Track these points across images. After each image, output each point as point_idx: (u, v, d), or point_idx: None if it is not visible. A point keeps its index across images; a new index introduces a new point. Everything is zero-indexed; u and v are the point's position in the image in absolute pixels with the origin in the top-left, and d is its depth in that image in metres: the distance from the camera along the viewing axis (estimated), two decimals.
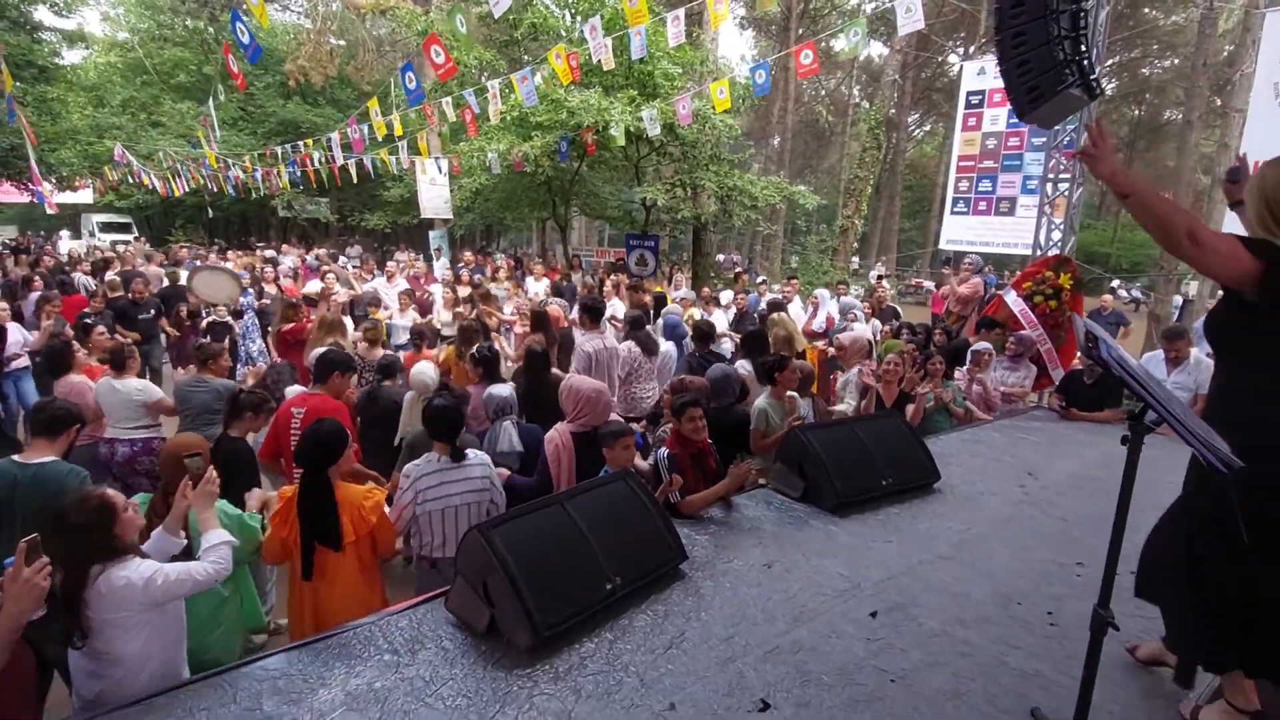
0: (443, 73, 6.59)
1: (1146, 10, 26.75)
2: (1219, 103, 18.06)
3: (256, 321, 8.20)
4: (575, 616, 2.44)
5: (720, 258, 25.25)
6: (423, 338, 6.37)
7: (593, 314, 5.93)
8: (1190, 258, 1.75)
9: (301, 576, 2.79)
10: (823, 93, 36.73)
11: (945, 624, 2.59)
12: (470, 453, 3.27)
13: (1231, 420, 1.71)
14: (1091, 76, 5.68)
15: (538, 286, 9.55)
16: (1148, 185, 1.85)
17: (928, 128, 36.69)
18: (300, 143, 14.90)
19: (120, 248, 16.72)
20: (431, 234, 18.57)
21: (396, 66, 22.82)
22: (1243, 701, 1.95)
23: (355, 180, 13.84)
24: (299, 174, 15.38)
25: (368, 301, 8.35)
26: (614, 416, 3.99)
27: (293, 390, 4.33)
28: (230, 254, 16.14)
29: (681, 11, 7.11)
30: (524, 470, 3.85)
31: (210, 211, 24.02)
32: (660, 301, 8.50)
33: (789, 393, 4.37)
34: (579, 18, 11.27)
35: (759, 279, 10.60)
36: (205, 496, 2.49)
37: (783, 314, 7.50)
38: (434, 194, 17.17)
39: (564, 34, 10.86)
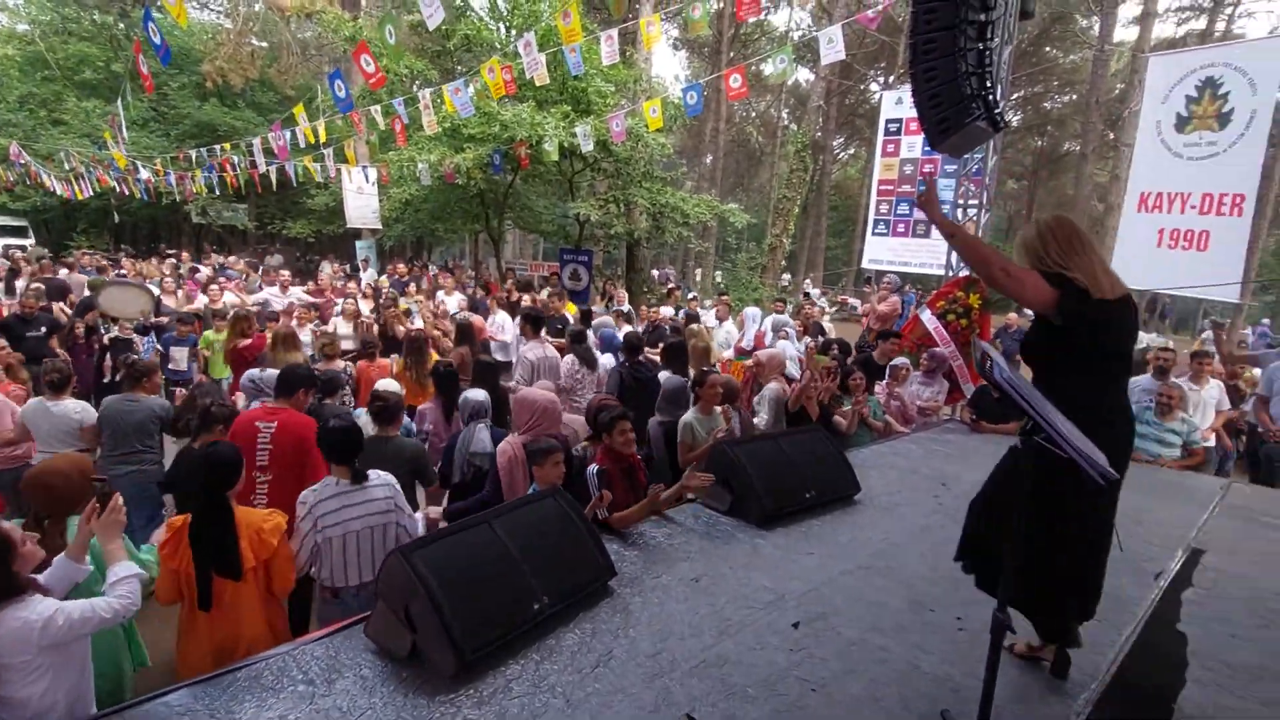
0: (373, 81, 6.47)
1: (1047, 49, 28.80)
2: (1112, 136, 19.56)
3: (154, 336, 7.71)
4: (501, 638, 2.41)
5: (655, 273, 25.52)
6: (374, 348, 6.24)
7: (534, 323, 5.99)
8: (1004, 287, 2.20)
9: (199, 607, 2.64)
10: (753, 114, 37.82)
11: (864, 632, 2.68)
12: (373, 474, 3.15)
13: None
14: (996, 110, 6.08)
15: (450, 301, 9.42)
16: (959, 230, 2.34)
17: (852, 151, 38.23)
18: (217, 146, 14.26)
19: (15, 253, 15.51)
20: (359, 244, 18.05)
21: (322, 71, 22.23)
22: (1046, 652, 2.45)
23: (275, 187, 13.32)
24: (215, 179, 14.70)
25: (266, 316, 8.01)
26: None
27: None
28: (134, 262, 15.22)
29: (615, 31, 7.21)
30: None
31: (116, 216, 22.58)
32: (585, 317, 8.54)
33: (719, 406, 4.45)
34: (513, 31, 11.27)
35: (690, 295, 10.76)
36: (113, 526, 2.29)
37: (699, 326, 7.66)
38: (361, 203, 16.70)
39: (498, 46, 10.82)
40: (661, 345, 6.35)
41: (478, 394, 4.21)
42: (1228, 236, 7.10)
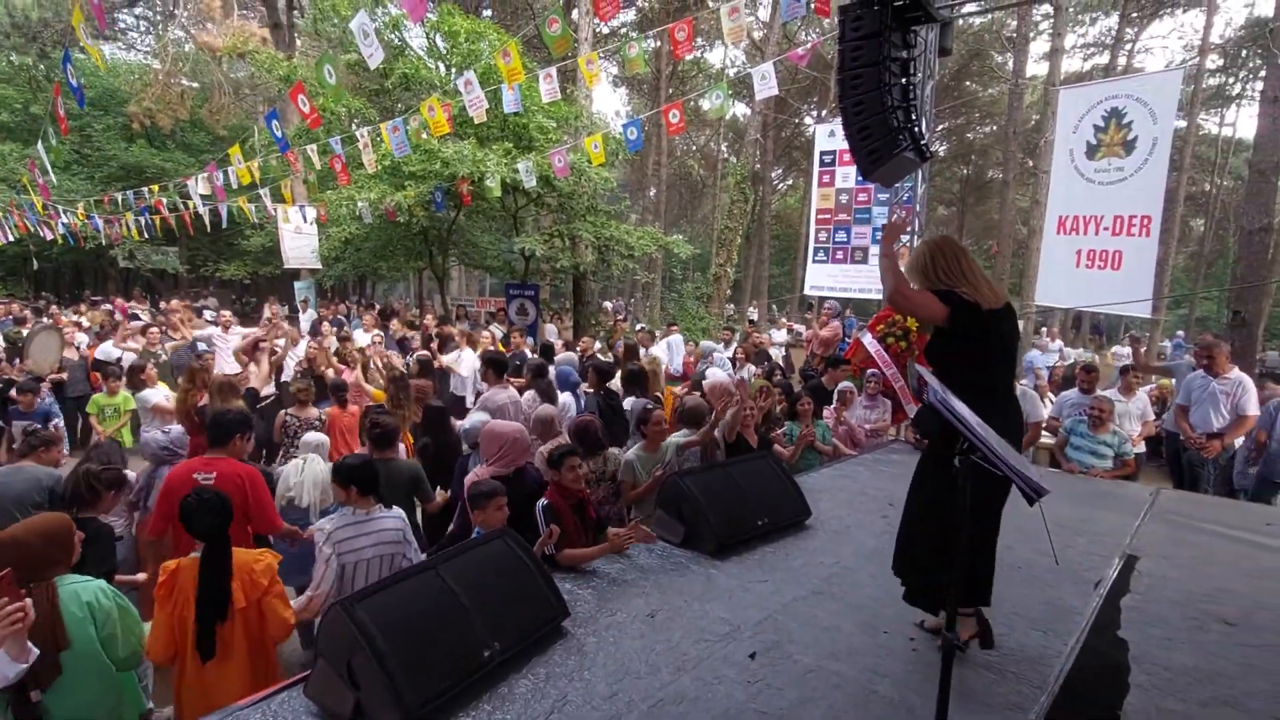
0: (311, 121, 6.37)
1: (968, 83, 30.47)
2: (1031, 164, 20.70)
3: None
4: (450, 690, 2.32)
5: (608, 305, 25.61)
6: (345, 391, 6.02)
7: (496, 368, 5.85)
8: (902, 307, 2.74)
9: (203, 659, 2.62)
10: (694, 148, 38.67)
11: (819, 659, 2.68)
12: (381, 507, 3.31)
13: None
14: (922, 142, 6.35)
15: (365, 339, 9.22)
16: (893, 261, 2.66)
17: (790, 182, 39.39)
18: (145, 189, 13.77)
19: None
20: (297, 285, 17.57)
21: (256, 111, 21.83)
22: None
23: (209, 229, 12.92)
24: (143, 222, 14.17)
25: (199, 354, 7.70)
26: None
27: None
28: (59, 310, 14.47)
29: (554, 69, 7.30)
30: None
31: (35, 263, 21.49)
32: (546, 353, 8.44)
33: (677, 438, 4.42)
34: (453, 69, 11.30)
35: (638, 326, 10.83)
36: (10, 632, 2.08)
37: (653, 354, 7.69)
38: (300, 243, 16.31)
39: (438, 84, 10.83)
40: (621, 373, 6.38)
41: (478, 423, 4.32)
42: (1138, 256, 7.54)
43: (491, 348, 8.37)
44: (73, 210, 15.71)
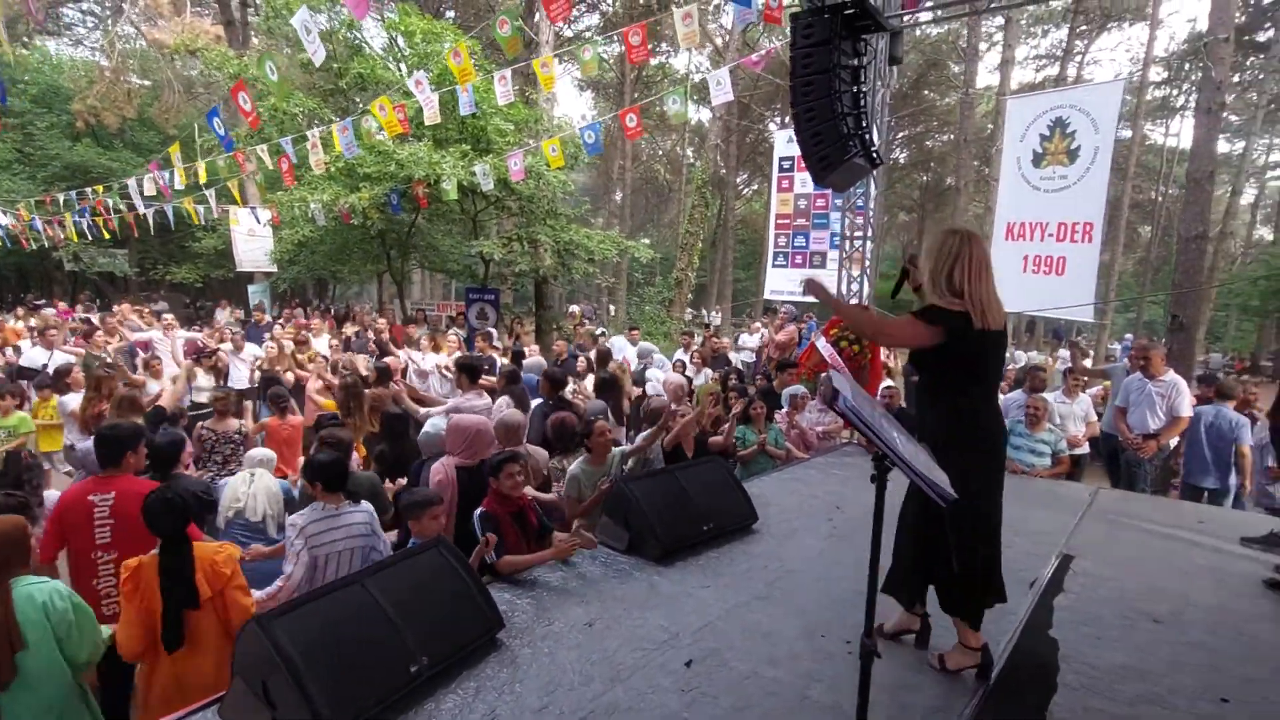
0: (251, 120, 6.20)
1: (926, 92, 31.15)
2: (987, 171, 21.22)
3: None
4: (373, 708, 2.24)
5: (575, 309, 25.51)
6: (285, 401, 5.83)
7: (470, 373, 5.59)
8: (889, 343, 3.10)
9: (167, 647, 2.67)
10: (660, 153, 38.79)
11: (756, 665, 2.66)
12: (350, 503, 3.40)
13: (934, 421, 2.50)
14: (873, 148, 6.44)
15: (319, 343, 9.05)
16: (844, 305, 2.72)
17: (755, 187, 39.79)
18: (89, 189, 13.30)
19: None
20: (251, 288, 17.17)
21: (209, 110, 21.25)
22: (973, 641, 2.59)
23: (153, 231, 12.51)
24: (89, 223, 13.68)
25: (149, 358, 7.46)
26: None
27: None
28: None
29: (509, 71, 7.24)
30: None
31: None
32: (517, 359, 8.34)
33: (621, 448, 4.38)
34: (411, 70, 11.13)
35: (599, 331, 10.78)
36: None
37: (620, 361, 7.64)
38: (253, 246, 15.94)
39: (395, 85, 10.66)
40: (595, 381, 6.38)
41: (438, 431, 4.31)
42: (1081, 261, 7.77)
43: (459, 352, 8.26)
44: (13, 211, 15.10)
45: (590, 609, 3.06)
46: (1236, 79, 26.82)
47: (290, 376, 8.39)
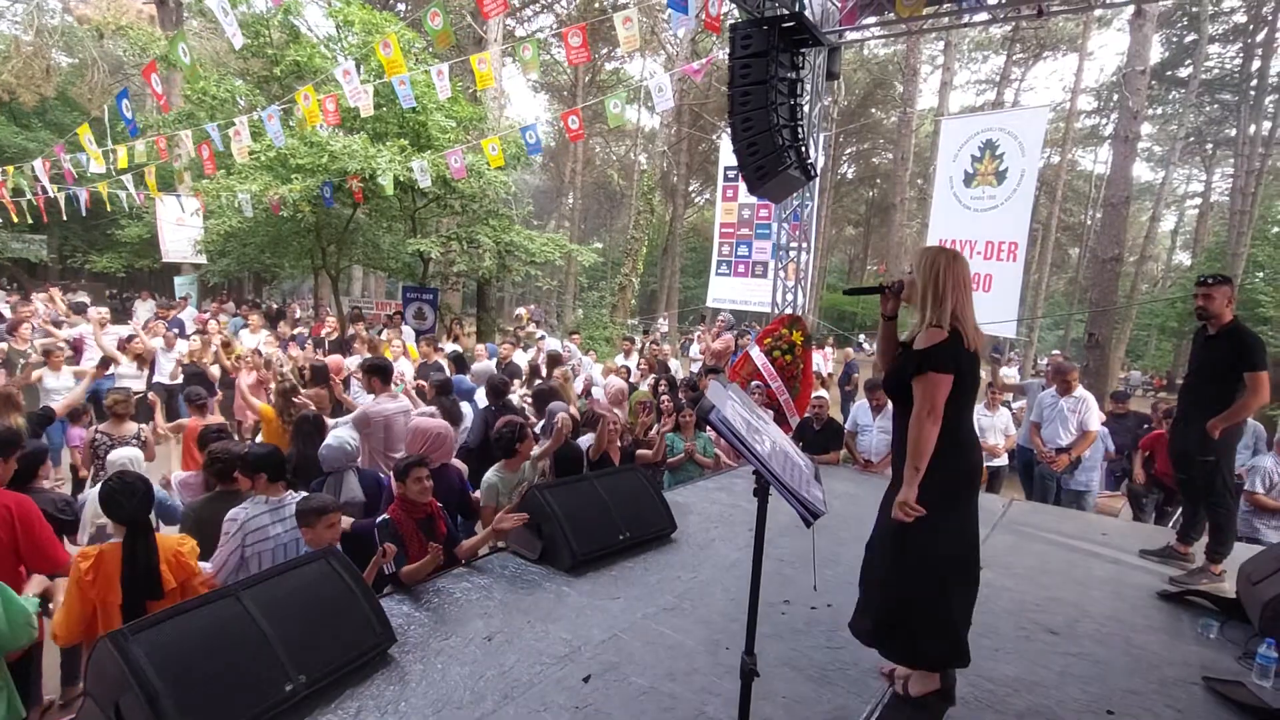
0: (164, 103, 5.88)
1: (873, 110, 32.02)
2: (927, 188, 21.89)
3: None
4: None
5: (522, 311, 25.16)
6: (204, 399, 5.43)
7: (383, 375, 5.13)
8: (934, 420, 2.30)
9: None
10: (614, 158, 38.79)
11: (655, 680, 2.60)
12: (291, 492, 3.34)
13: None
14: (809, 161, 6.51)
15: (252, 340, 8.68)
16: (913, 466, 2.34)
17: (708, 195, 40.18)
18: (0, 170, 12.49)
19: None
20: (178, 280, 16.39)
21: (141, 92, 20.21)
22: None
23: (64, 215, 11.81)
24: None
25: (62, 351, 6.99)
26: None
27: None
28: None
29: (446, 66, 7.07)
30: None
31: None
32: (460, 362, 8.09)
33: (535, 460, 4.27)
34: (349, 60, 10.80)
35: (539, 335, 10.63)
36: None
37: (564, 369, 7.44)
38: (180, 235, 15.23)
39: (331, 74, 10.32)
40: (534, 393, 6.16)
41: (344, 441, 4.09)
42: (1006, 279, 8.05)
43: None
44: None
45: (492, 622, 2.96)
46: (1159, 112, 28.45)
47: (216, 370, 8.02)
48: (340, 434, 4.34)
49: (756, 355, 6.93)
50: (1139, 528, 5.59)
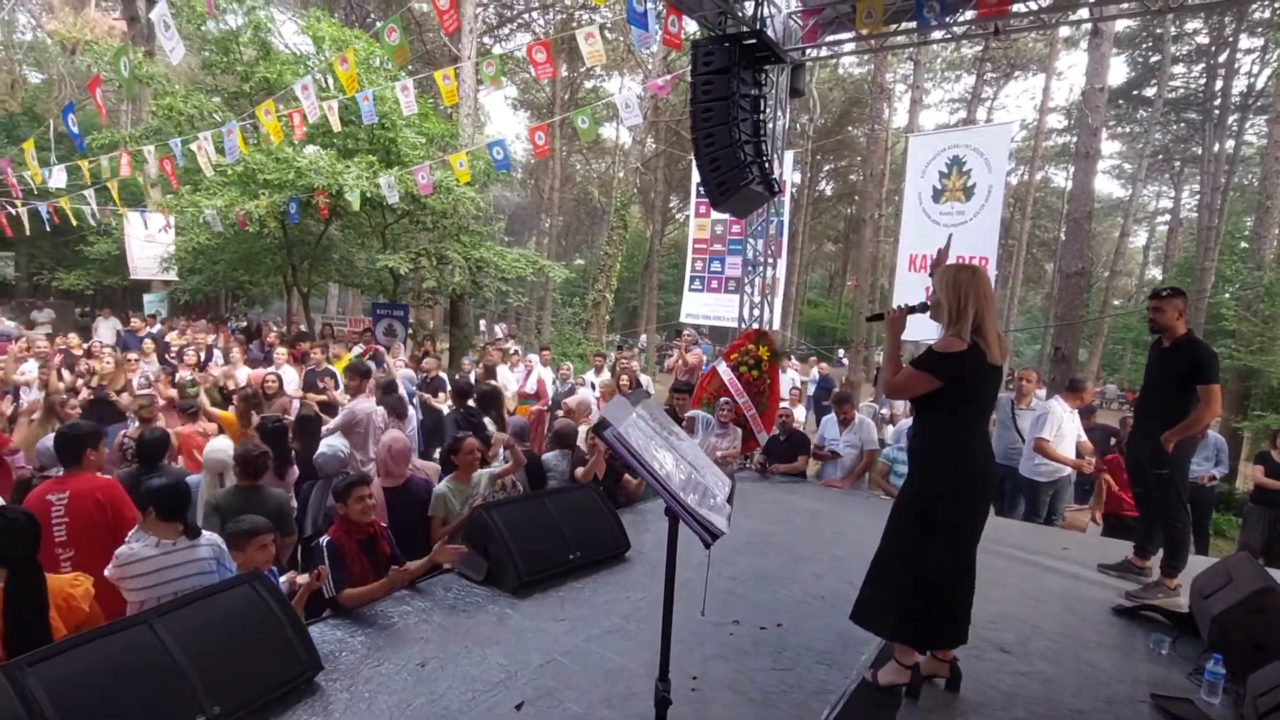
0: (103, 117, 5.80)
1: (850, 128, 32.43)
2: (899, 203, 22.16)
3: None
4: None
5: (498, 328, 25.01)
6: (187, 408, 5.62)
7: (362, 376, 5.76)
8: (898, 395, 2.81)
9: None
10: (594, 174, 38.93)
11: (591, 706, 2.52)
12: (204, 534, 3.01)
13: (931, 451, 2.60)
14: (772, 176, 6.54)
15: (240, 374, 8.50)
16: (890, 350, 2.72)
17: (689, 212, 40.40)
18: None
19: None
20: (147, 298, 16.16)
21: (115, 109, 20.00)
22: (907, 659, 2.69)
23: (28, 231, 11.60)
24: None
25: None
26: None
27: None
28: None
29: (410, 82, 7.05)
30: None
31: None
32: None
33: (486, 470, 4.21)
34: (325, 77, 10.75)
35: (513, 350, 10.55)
36: None
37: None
38: (150, 252, 15.00)
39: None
40: (476, 394, 6.24)
41: (336, 449, 4.33)
42: None
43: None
44: None
45: (428, 647, 2.86)
46: (1127, 130, 29.07)
47: (126, 398, 6.52)
48: (333, 442, 4.74)
49: (723, 370, 6.91)
50: (1105, 542, 5.57)
